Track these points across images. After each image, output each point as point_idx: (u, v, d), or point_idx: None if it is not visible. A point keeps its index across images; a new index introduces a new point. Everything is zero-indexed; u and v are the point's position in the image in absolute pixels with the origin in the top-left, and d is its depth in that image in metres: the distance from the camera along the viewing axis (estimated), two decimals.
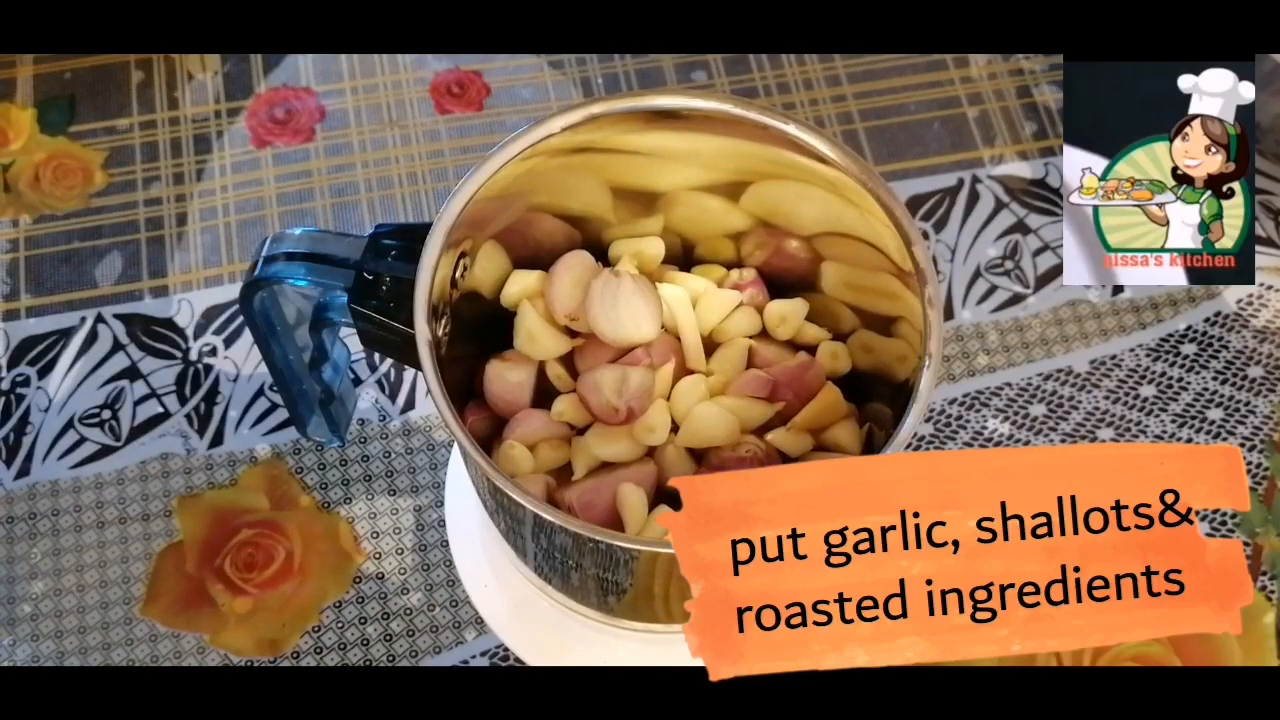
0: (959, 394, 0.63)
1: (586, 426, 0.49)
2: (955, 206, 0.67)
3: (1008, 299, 0.65)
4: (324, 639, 0.57)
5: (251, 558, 0.58)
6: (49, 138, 0.68)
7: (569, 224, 0.51)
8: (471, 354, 0.49)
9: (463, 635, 0.57)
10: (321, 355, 0.52)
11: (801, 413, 0.48)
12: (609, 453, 0.48)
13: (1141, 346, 0.64)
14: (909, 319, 0.45)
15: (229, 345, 0.63)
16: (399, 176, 0.68)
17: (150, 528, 0.59)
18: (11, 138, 0.68)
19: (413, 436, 0.61)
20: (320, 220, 0.66)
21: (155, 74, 0.70)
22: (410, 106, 0.70)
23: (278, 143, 0.68)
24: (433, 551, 0.58)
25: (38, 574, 0.58)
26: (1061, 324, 0.64)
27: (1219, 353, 0.63)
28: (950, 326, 0.64)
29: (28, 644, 0.56)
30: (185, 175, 0.67)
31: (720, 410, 0.48)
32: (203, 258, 0.65)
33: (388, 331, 0.45)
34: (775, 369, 0.49)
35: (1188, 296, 0.65)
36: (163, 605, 0.57)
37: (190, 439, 0.61)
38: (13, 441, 0.60)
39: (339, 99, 0.70)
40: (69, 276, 0.64)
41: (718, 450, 0.48)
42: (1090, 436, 0.61)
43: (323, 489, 0.60)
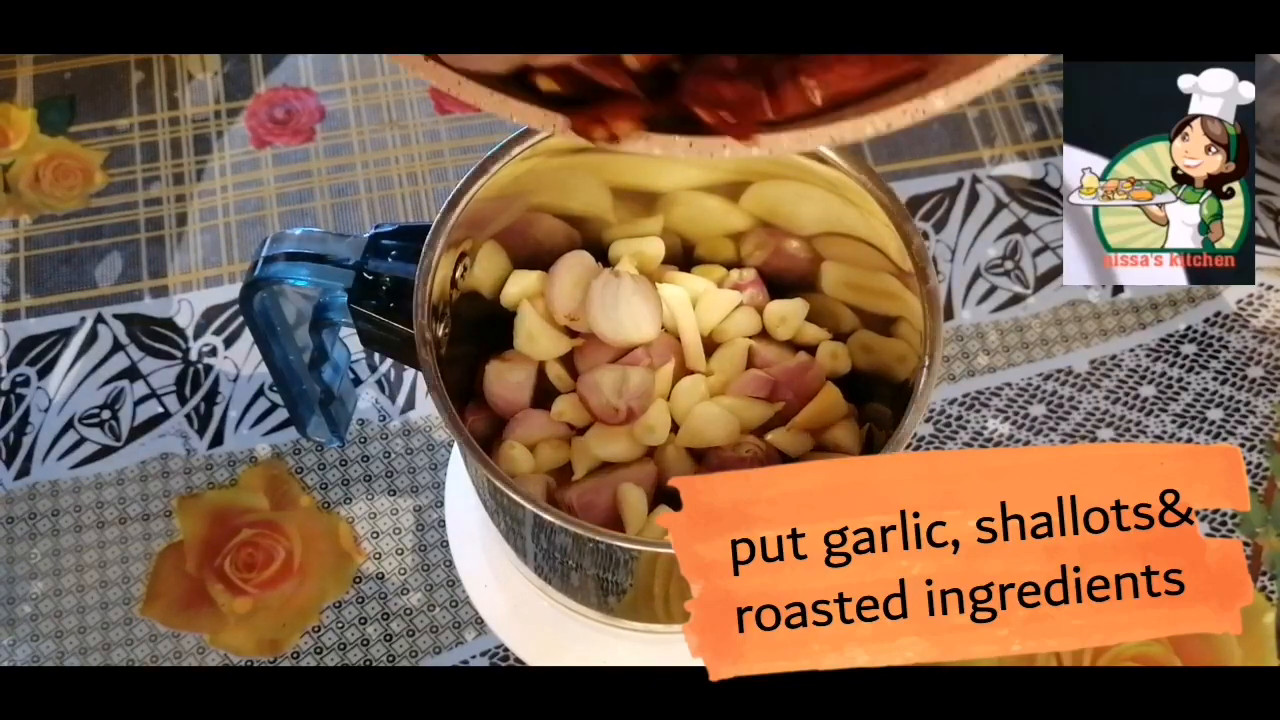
0: (959, 394, 0.63)
1: (586, 426, 0.49)
2: (955, 206, 0.67)
3: (1008, 299, 0.65)
4: (324, 639, 0.57)
5: (251, 558, 0.58)
6: (49, 138, 0.68)
7: (569, 224, 0.51)
8: (471, 354, 0.49)
9: (463, 635, 0.57)
10: (321, 355, 0.52)
11: (801, 413, 0.48)
12: (609, 453, 0.48)
13: (1141, 347, 0.64)
14: (909, 319, 0.45)
15: (229, 345, 0.63)
16: (399, 177, 0.68)
17: (150, 528, 0.59)
18: (11, 138, 0.68)
19: (413, 436, 0.61)
20: (320, 220, 0.66)
21: (155, 74, 0.70)
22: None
23: (278, 143, 0.68)
24: (433, 552, 0.58)
25: (38, 574, 0.58)
26: (1061, 324, 0.64)
27: (1219, 353, 0.63)
28: (950, 326, 0.64)
29: (28, 644, 0.56)
30: (185, 175, 0.67)
31: (720, 410, 0.48)
32: (203, 258, 0.65)
33: (388, 331, 0.45)
34: (775, 369, 0.49)
35: (1188, 297, 0.65)
36: (163, 605, 0.57)
37: (190, 439, 0.61)
38: (13, 442, 0.60)
39: (339, 99, 0.70)
40: (69, 277, 0.64)
41: (717, 450, 0.48)
42: (1090, 436, 0.61)
43: (323, 489, 0.60)
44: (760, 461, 0.47)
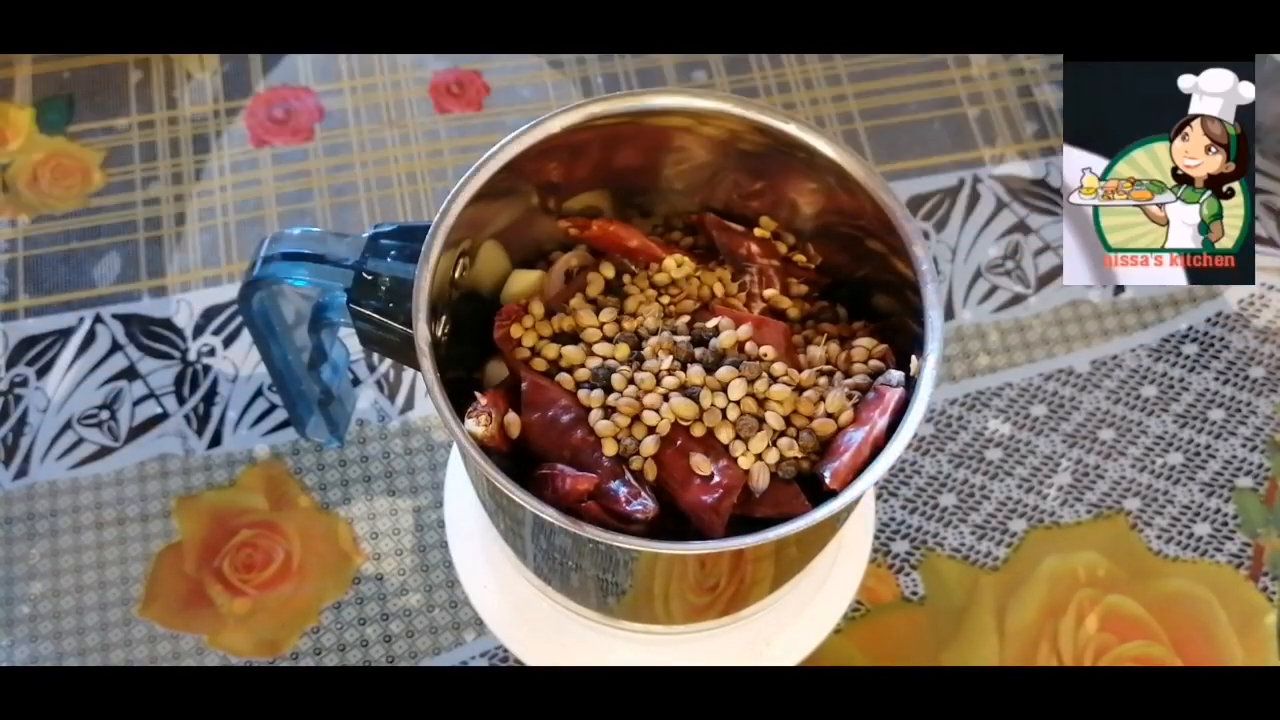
0: (960, 394, 0.62)
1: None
2: (956, 206, 0.67)
3: (1008, 299, 0.65)
4: (323, 640, 0.57)
5: (250, 558, 0.58)
6: (47, 137, 0.68)
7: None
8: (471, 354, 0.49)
9: (462, 636, 0.57)
10: (320, 355, 0.52)
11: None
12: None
13: (1143, 347, 0.64)
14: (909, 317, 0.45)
15: (228, 345, 0.63)
16: (398, 176, 0.68)
17: (149, 528, 0.59)
18: (10, 137, 0.68)
19: (412, 437, 0.61)
20: (319, 220, 0.66)
21: (154, 74, 0.70)
22: (409, 106, 0.69)
23: (276, 142, 0.68)
24: (432, 552, 0.58)
25: (36, 575, 0.58)
26: (1062, 324, 0.64)
27: (1220, 353, 0.63)
28: (951, 326, 0.64)
29: (26, 645, 0.56)
30: (184, 175, 0.67)
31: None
32: (201, 258, 0.65)
33: (387, 331, 0.45)
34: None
35: (1189, 296, 0.65)
36: (161, 606, 0.57)
37: (189, 439, 0.60)
38: (11, 442, 0.60)
39: (338, 99, 0.70)
40: (67, 276, 0.64)
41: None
42: (1091, 437, 0.61)
43: (322, 490, 0.60)
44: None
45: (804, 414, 0.44)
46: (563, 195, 0.49)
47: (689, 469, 0.42)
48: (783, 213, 0.49)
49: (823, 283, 0.50)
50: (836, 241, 0.48)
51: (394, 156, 0.68)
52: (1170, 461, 0.61)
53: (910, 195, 0.67)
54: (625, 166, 0.48)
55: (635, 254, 0.49)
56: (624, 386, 0.44)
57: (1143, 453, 0.61)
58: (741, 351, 0.45)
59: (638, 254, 0.49)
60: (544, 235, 0.50)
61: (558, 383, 0.45)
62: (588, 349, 0.45)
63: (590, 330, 0.46)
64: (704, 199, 0.50)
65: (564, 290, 0.48)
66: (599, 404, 0.44)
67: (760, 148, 0.46)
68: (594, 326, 0.46)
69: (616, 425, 0.43)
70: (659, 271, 0.48)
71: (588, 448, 0.43)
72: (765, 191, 0.48)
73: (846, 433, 0.43)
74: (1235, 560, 0.59)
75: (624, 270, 0.49)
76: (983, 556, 0.59)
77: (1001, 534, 0.59)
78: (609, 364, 0.45)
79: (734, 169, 0.48)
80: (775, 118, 0.45)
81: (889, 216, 0.44)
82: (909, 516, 0.60)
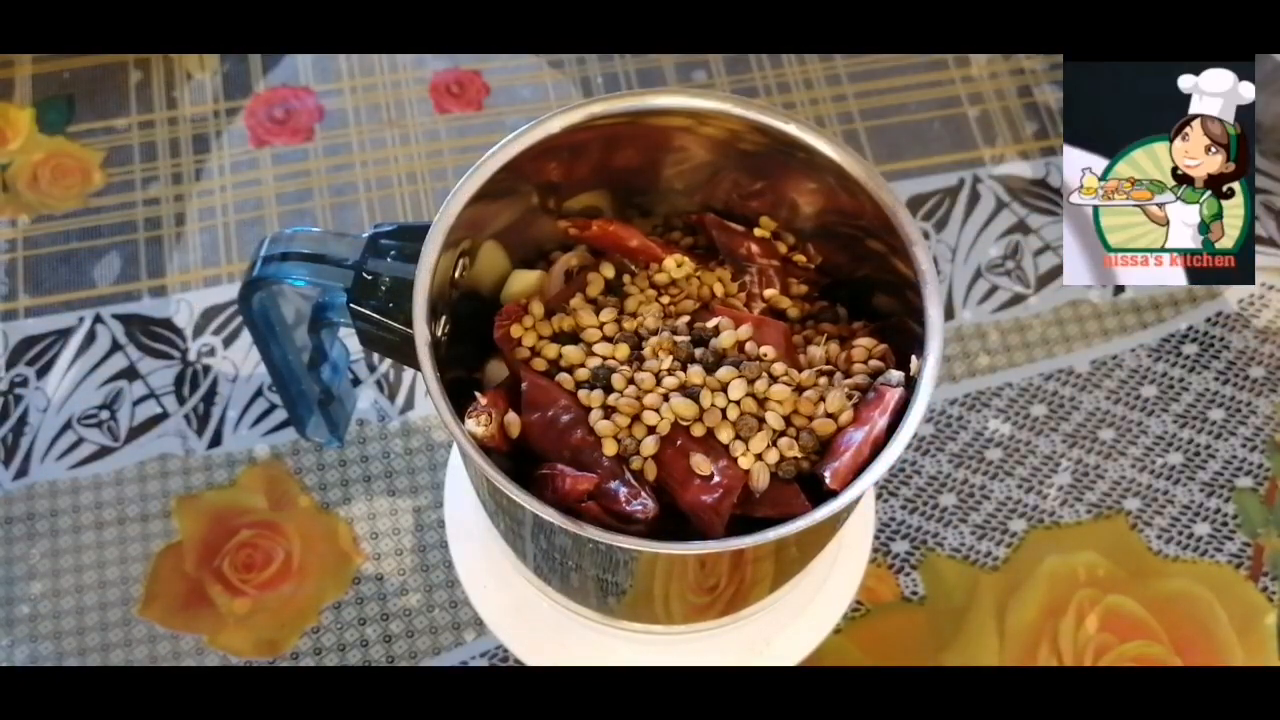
0: (960, 394, 0.62)
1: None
2: (956, 206, 0.67)
3: (1009, 299, 0.65)
4: (323, 640, 0.57)
5: (250, 558, 0.58)
6: (47, 137, 0.68)
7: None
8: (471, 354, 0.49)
9: (462, 636, 0.57)
10: (320, 355, 0.52)
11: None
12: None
13: (1143, 347, 0.64)
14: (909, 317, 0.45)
15: (228, 345, 0.63)
16: (398, 176, 0.68)
17: (149, 528, 0.59)
18: (10, 137, 0.68)
19: (412, 437, 0.61)
20: (319, 220, 0.66)
21: (154, 74, 0.70)
22: (409, 106, 0.69)
23: (276, 142, 0.68)
24: (432, 552, 0.58)
25: (36, 575, 0.58)
26: (1062, 324, 0.64)
27: (1220, 353, 0.63)
28: (951, 326, 0.64)
29: (26, 645, 0.56)
30: (184, 175, 0.67)
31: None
32: (201, 258, 0.65)
33: (387, 331, 0.45)
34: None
35: (1189, 296, 0.65)
36: (161, 606, 0.57)
37: (189, 439, 0.60)
38: (11, 442, 0.60)
39: (338, 99, 0.70)
40: (67, 276, 0.64)
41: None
42: (1091, 437, 0.61)
43: (322, 489, 0.60)
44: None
45: (804, 414, 0.44)
46: (563, 195, 0.49)
47: (689, 469, 0.42)
48: (783, 213, 0.49)
49: (823, 283, 0.50)
50: (836, 241, 0.48)
51: (394, 156, 0.68)
52: (1170, 461, 0.61)
53: (910, 195, 0.67)
54: (625, 166, 0.48)
55: (635, 254, 0.49)
56: (624, 386, 0.44)
57: (1143, 453, 0.61)
58: (741, 351, 0.45)
59: (638, 254, 0.49)
60: (544, 235, 0.50)
61: (558, 383, 0.45)
62: (588, 349, 0.45)
63: (590, 330, 0.46)
64: (704, 199, 0.50)
65: (564, 290, 0.48)
66: (599, 404, 0.44)
67: (760, 148, 0.46)
68: (594, 326, 0.46)
69: (616, 425, 0.43)
70: (659, 271, 0.48)
71: (588, 448, 0.43)
72: (765, 191, 0.48)
73: (846, 433, 0.43)
74: (1235, 560, 0.59)
75: (624, 270, 0.49)
76: (983, 556, 0.59)
77: (1001, 534, 0.59)
78: (609, 364, 0.45)
79: (734, 169, 0.48)
80: (775, 118, 0.45)
81: (889, 216, 0.44)
82: (909, 516, 0.60)
